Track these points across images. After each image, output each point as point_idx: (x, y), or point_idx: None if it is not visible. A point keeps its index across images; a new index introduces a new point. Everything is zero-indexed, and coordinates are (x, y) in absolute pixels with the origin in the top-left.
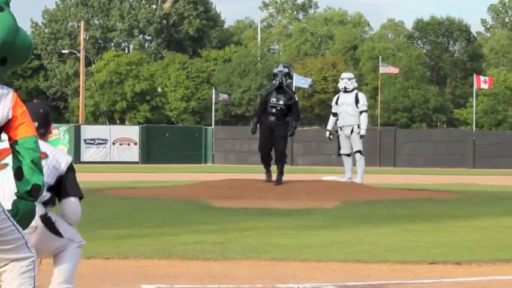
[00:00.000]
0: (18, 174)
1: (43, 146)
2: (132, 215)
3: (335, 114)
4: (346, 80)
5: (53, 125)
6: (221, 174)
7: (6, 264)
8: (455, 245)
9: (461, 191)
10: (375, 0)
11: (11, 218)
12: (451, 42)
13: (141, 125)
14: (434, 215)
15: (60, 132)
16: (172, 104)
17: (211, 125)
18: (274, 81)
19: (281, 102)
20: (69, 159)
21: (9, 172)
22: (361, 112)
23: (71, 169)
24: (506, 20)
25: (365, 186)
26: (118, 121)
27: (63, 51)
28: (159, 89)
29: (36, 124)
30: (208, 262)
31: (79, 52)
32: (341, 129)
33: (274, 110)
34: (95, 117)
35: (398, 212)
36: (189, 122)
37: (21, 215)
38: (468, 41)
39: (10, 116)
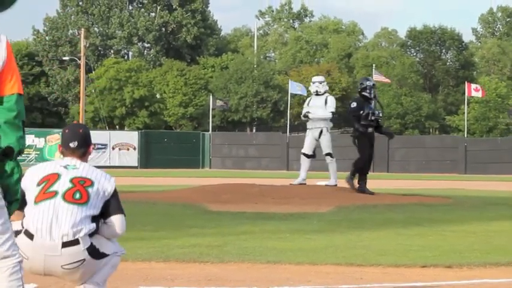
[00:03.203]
0: None
1: (87, 170)
2: (130, 219)
3: (305, 116)
4: (318, 83)
5: (54, 130)
6: (218, 179)
7: None
8: (447, 249)
9: (453, 196)
10: (369, 9)
11: (6, 212)
12: (444, 50)
13: (140, 131)
14: (426, 219)
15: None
16: (170, 110)
17: (208, 130)
18: (367, 94)
19: (380, 114)
20: (113, 182)
21: (58, 203)
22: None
23: (116, 191)
24: (496, 29)
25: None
26: (117, 126)
27: (64, 58)
28: (158, 96)
29: (75, 144)
30: (205, 265)
31: (79, 59)
32: (310, 130)
33: (375, 122)
34: (94, 123)
35: (391, 217)
36: (187, 127)
37: (7, 175)
38: (460, 49)
39: (5, 58)
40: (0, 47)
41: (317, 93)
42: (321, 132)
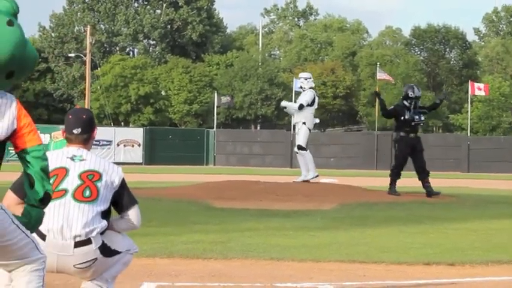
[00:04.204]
0: (30, 182)
1: (94, 162)
2: None
3: (283, 107)
4: (303, 79)
5: (60, 127)
6: (222, 176)
7: (18, 267)
8: (449, 247)
9: (456, 195)
10: (373, 7)
11: (20, 226)
12: (447, 49)
13: (144, 127)
14: (429, 217)
15: None
16: (175, 107)
17: (213, 127)
18: (407, 104)
19: (423, 118)
20: (121, 172)
21: (68, 202)
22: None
23: (123, 181)
24: (500, 28)
25: (362, 188)
26: (122, 123)
27: (70, 55)
28: (163, 92)
29: (79, 130)
30: (209, 261)
31: (85, 56)
32: (293, 127)
33: (414, 128)
34: (100, 120)
35: (393, 214)
36: (192, 124)
37: (33, 222)
38: (464, 48)
39: (15, 127)
40: (11, 106)
41: (302, 89)
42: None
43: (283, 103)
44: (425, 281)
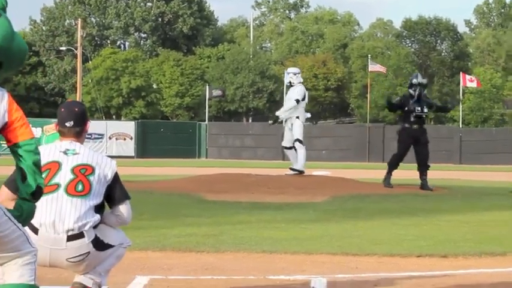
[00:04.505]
0: (22, 176)
1: (87, 155)
2: None
3: (275, 122)
4: (292, 74)
5: (52, 120)
6: (214, 169)
7: (10, 260)
8: (442, 239)
9: (448, 187)
10: None
11: (12, 218)
12: (439, 41)
13: (136, 121)
14: (421, 209)
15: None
16: (167, 100)
17: (205, 120)
18: (412, 92)
19: (425, 110)
20: (114, 166)
21: (61, 196)
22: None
23: (116, 175)
24: (491, 20)
25: (354, 181)
26: (114, 116)
27: (61, 48)
28: (154, 86)
29: (71, 123)
30: (201, 254)
31: (76, 49)
32: (285, 122)
33: (418, 119)
34: (91, 113)
35: (386, 207)
36: (183, 117)
37: (25, 215)
38: (455, 40)
39: (6, 120)
40: (3, 100)
41: (290, 84)
42: (293, 123)
43: (278, 113)
44: (418, 273)
